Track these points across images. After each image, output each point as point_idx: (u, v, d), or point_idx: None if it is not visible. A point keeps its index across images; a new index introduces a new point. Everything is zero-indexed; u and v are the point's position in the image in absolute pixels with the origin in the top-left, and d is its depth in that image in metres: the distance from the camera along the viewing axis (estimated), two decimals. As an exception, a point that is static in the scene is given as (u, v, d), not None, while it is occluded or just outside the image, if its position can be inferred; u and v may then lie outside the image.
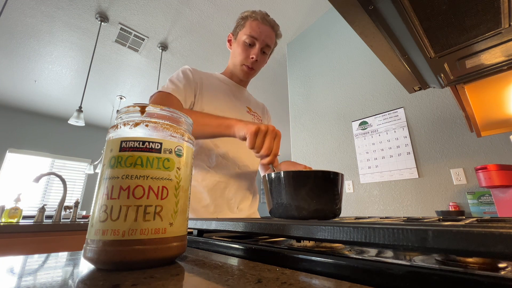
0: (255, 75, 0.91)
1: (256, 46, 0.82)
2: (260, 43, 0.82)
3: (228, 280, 0.18)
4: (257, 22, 0.81)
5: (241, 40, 0.82)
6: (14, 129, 4.28)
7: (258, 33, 0.81)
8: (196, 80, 0.79)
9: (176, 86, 0.74)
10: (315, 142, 2.31)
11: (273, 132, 0.55)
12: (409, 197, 1.66)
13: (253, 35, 0.81)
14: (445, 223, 0.20)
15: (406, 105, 1.83)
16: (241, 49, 0.83)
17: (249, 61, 0.83)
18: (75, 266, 0.23)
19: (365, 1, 0.51)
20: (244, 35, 0.81)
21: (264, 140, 0.54)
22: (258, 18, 0.81)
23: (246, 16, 0.83)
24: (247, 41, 0.81)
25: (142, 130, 0.24)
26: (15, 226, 1.28)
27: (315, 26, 2.68)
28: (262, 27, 0.81)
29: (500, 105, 0.93)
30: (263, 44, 0.82)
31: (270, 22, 0.83)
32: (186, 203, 0.26)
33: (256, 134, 0.54)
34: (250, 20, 0.82)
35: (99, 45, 2.78)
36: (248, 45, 0.82)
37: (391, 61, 0.71)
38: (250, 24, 0.81)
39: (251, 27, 0.81)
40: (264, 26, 0.82)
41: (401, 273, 0.16)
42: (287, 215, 0.37)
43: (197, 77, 0.81)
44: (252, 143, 0.54)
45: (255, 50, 0.82)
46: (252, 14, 0.82)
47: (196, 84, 0.79)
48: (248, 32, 0.81)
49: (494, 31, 0.56)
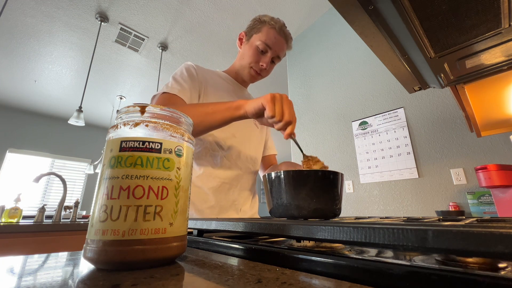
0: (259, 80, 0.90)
1: (267, 55, 0.81)
2: (272, 53, 0.81)
3: (228, 280, 0.18)
4: (274, 32, 0.80)
5: (254, 44, 0.81)
6: (14, 129, 4.28)
7: (273, 43, 0.80)
8: (200, 79, 0.78)
9: (181, 86, 0.72)
10: (315, 142, 2.31)
11: (288, 100, 0.54)
12: (409, 197, 1.66)
13: (267, 43, 0.79)
14: (445, 223, 0.20)
15: (406, 105, 1.83)
16: (252, 53, 0.81)
17: (259, 68, 0.82)
18: (75, 266, 0.23)
19: (365, 1, 0.51)
20: (259, 41, 0.80)
21: (283, 107, 0.53)
22: (276, 28, 0.80)
23: (264, 21, 0.81)
24: (260, 47, 0.80)
25: (142, 130, 0.24)
26: (15, 226, 1.28)
27: (315, 26, 2.68)
28: (278, 38, 0.80)
29: (500, 105, 0.93)
30: (274, 54, 0.81)
31: (286, 34, 0.82)
32: (186, 203, 0.26)
33: (274, 101, 0.52)
34: (268, 27, 0.80)
35: (99, 45, 2.78)
36: (260, 51, 0.81)
37: (391, 61, 0.71)
38: (267, 31, 0.80)
39: (268, 35, 0.80)
40: (280, 37, 0.80)
41: (401, 273, 0.16)
42: (287, 215, 0.37)
43: (202, 75, 0.79)
44: (272, 110, 0.51)
45: (266, 59, 0.81)
46: (271, 22, 0.80)
47: (200, 84, 0.77)
48: (264, 39, 0.79)
49: (494, 31, 0.56)
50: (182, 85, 0.72)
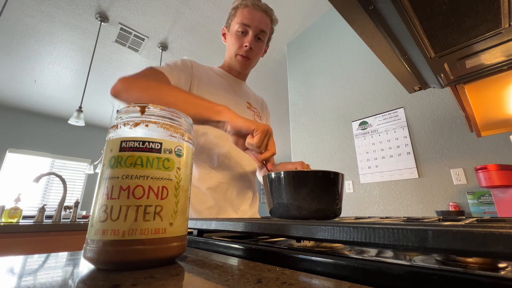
0: (253, 66, 0.87)
1: (249, 34, 0.78)
2: (253, 30, 0.78)
3: (228, 280, 0.18)
4: (248, 9, 0.78)
5: (234, 30, 0.79)
6: (14, 129, 4.28)
7: (250, 19, 0.77)
8: (194, 72, 0.77)
9: (170, 68, 0.70)
10: (315, 142, 2.31)
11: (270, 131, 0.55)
12: (409, 197, 1.66)
13: (244, 23, 0.78)
14: (445, 223, 0.20)
15: (406, 105, 1.83)
16: (234, 39, 0.80)
17: (243, 50, 0.80)
18: (75, 266, 0.23)
19: (365, 1, 0.51)
20: (236, 24, 0.78)
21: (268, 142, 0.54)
22: (249, 4, 0.78)
23: (236, 5, 0.80)
24: (240, 29, 0.78)
25: (142, 130, 0.24)
26: (15, 226, 1.28)
27: (315, 26, 2.68)
28: (253, 13, 0.78)
29: (500, 105, 0.93)
30: (256, 30, 0.79)
31: (262, 7, 0.79)
32: (186, 203, 0.26)
33: (266, 135, 0.53)
34: (241, 8, 0.79)
35: (99, 45, 2.78)
36: (241, 33, 0.79)
37: (391, 61, 0.71)
38: (241, 12, 0.79)
39: (242, 14, 0.78)
40: (256, 11, 0.78)
41: (401, 273, 0.16)
42: (288, 215, 0.37)
43: (196, 70, 0.78)
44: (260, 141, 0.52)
45: (248, 38, 0.79)
46: (242, 2, 0.79)
47: (194, 77, 0.76)
48: (240, 20, 0.78)
49: (494, 31, 0.56)
50: (172, 68, 0.71)
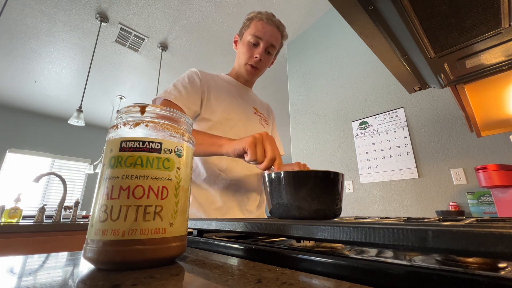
0: (260, 75, 0.92)
1: (260, 46, 0.83)
2: (264, 43, 0.83)
3: (228, 280, 0.18)
4: (262, 22, 0.83)
5: (246, 40, 0.84)
6: (14, 129, 4.28)
7: (263, 33, 0.82)
8: (203, 87, 0.80)
9: (179, 93, 0.74)
10: (315, 142, 2.31)
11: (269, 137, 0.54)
12: (409, 197, 1.66)
13: (257, 35, 0.82)
14: (445, 223, 0.20)
15: (406, 105, 1.83)
16: (246, 49, 0.84)
17: (253, 61, 0.84)
18: (75, 266, 0.23)
19: (365, 1, 0.51)
20: (249, 35, 0.83)
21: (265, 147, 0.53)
22: (263, 19, 0.83)
23: (251, 17, 0.85)
24: (252, 40, 0.83)
25: (142, 130, 0.24)
26: (15, 226, 1.28)
27: (315, 26, 2.68)
28: (266, 27, 0.83)
29: (500, 105, 0.93)
30: (267, 44, 0.83)
31: (275, 22, 0.84)
32: (186, 203, 0.26)
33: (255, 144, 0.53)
34: (255, 21, 0.83)
35: (99, 45, 2.78)
36: (252, 44, 0.84)
37: (391, 61, 0.71)
38: (255, 24, 0.83)
39: (256, 27, 0.83)
40: (269, 26, 0.83)
41: (401, 273, 0.16)
42: (288, 215, 0.37)
43: (205, 81, 0.82)
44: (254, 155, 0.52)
45: (259, 50, 0.83)
46: (258, 15, 0.84)
47: (203, 91, 0.80)
48: (253, 32, 0.83)
49: (494, 31, 0.56)
50: (180, 92, 0.74)
